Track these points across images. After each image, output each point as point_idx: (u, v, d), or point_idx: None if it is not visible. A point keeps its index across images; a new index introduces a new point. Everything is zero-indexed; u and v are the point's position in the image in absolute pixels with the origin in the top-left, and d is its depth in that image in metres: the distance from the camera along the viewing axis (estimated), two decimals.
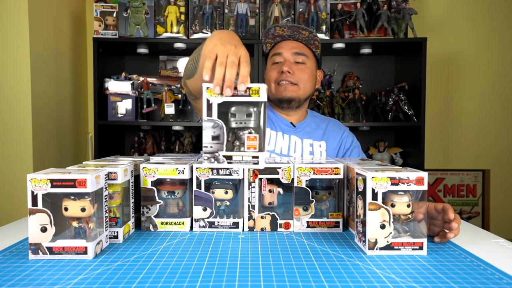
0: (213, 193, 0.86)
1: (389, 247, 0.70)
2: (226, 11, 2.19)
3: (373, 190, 0.69)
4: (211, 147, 0.78)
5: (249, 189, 0.84)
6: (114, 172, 0.76)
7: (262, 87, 0.76)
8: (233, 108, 0.77)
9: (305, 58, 1.26)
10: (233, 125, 0.78)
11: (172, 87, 2.32)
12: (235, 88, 0.76)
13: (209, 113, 0.77)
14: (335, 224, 0.86)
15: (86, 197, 0.67)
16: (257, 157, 0.78)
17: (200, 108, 1.12)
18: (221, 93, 0.76)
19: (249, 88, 0.75)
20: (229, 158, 0.79)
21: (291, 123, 1.30)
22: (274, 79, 1.26)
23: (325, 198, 0.88)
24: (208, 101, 0.77)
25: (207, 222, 0.85)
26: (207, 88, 0.77)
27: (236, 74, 0.76)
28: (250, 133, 0.77)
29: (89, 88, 2.52)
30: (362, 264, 0.66)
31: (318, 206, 0.88)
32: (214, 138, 0.78)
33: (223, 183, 0.86)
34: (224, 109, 0.77)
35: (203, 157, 0.79)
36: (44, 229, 0.67)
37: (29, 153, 1.85)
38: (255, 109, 0.78)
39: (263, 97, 0.76)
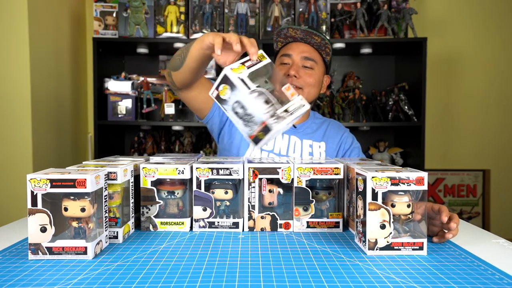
0: (213, 193, 0.85)
1: (389, 247, 0.70)
2: (226, 11, 2.19)
3: (373, 190, 0.69)
4: (268, 112, 0.77)
5: (249, 189, 0.84)
6: (114, 172, 0.76)
7: (262, 51, 0.83)
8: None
9: (313, 64, 1.25)
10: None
11: None
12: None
13: (249, 86, 0.77)
14: (335, 224, 0.86)
15: (85, 197, 0.67)
16: (302, 98, 0.81)
17: (184, 99, 1.18)
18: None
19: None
20: (286, 111, 0.78)
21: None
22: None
23: (325, 198, 0.88)
24: (240, 79, 0.77)
25: (207, 222, 0.85)
26: (231, 68, 0.78)
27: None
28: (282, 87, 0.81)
29: (89, 88, 2.52)
30: (362, 264, 0.66)
31: (318, 206, 0.88)
32: (266, 102, 0.78)
33: (223, 183, 0.86)
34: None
35: (269, 121, 0.77)
36: (43, 229, 0.67)
37: (29, 153, 1.85)
38: (266, 77, 0.83)
39: (268, 58, 0.84)
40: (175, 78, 1.08)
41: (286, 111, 0.78)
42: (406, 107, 2.20)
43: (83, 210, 0.67)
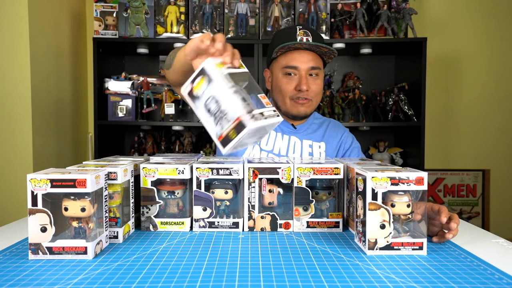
0: (213, 193, 0.86)
1: (389, 247, 0.70)
2: (226, 11, 2.19)
3: (373, 190, 0.69)
4: (245, 108, 0.70)
5: (249, 189, 0.84)
6: (114, 172, 0.76)
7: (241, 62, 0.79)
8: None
9: (319, 71, 1.22)
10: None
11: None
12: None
13: (227, 81, 0.72)
14: (335, 224, 0.86)
15: (86, 197, 0.67)
16: (275, 110, 0.75)
17: (182, 97, 1.15)
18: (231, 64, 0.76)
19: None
20: (261, 114, 0.71)
21: (292, 124, 1.30)
22: (290, 95, 1.21)
23: (325, 198, 0.88)
24: (219, 73, 0.73)
25: (207, 222, 0.85)
26: (216, 63, 0.74)
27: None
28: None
29: (89, 88, 2.52)
30: (362, 264, 0.66)
31: (318, 206, 0.88)
32: (244, 99, 0.71)
33: (223, 183, 0.86)
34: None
35: (245, 117, 0.69)
36: (44, 229, 0.67)
37: (29, 153, 1.85)
38: (243, 84, 0.76)
39: (246, 68, 0.79)
40: (167, 76, 1.06)
41: (261, 114, 0.71)
42: (406, 107, 2.20)
43: (83, 210, 0.68)
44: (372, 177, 0.69)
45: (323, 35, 2.17)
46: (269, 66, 1.30)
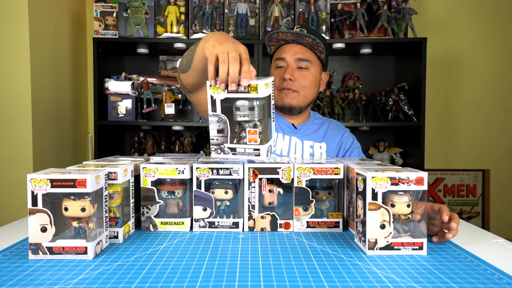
0: (213, 193, 0.86)
1: (389, 247, 0.70)
2: (226, 11, 2.19)
3: (373, 190, 0.69)
4: (217, 139, 0.84)
5: (249, 189, 0.84)
6: (114, 172, 0.76)
7: (260, 84, 0.79)
8: (237, 102, 0.82)
9: (308, 64, 1.24)
10: (238, 118, 0.83)
11: (172, 87, 2.32)
12: (239, 84, 0.80)
13: (214, 109, 0.82)
14: (335, 224, 0.86)
15: (86, 197, 0.67)
16: (258, 149, 0.83)
17: (195, 102, 1.17)
18: (226, 89, 0.80)
19: (248, 85, 0.80)
20: (233, 149, 0.84)
21: (293, 124, 1.30)
22: (277, 85, 1.25)
23: (325, 198, 0.88)
24: (212, 97, 0.82)
25: (207, 222, 0.85)
26: (210, 85, 0.81)
27: (239, 69, 0.79)
28: (253, 127, 0.83)
29: (89, 88, 2.52)
30: (362, 264, 0.66)
31: (318, 206, 0.88)
32: (219, 131, 0.84)
33: (223, 183, 0.86)
34: (229, 104, 0.82)
35: (211, 148, 0.85)
36: (44, 229, 0.67)
37: (29, 153, 1.85)
38: (257, 102, 0.82)
39: (261, 93, 0.80)
40: (184, 80, 1.06)
41: (233, 149, 0.84)
42: (406, 107, 2.20)
43: (83, 210, 0.68)
44: (372, 177, 0.69)
45: (323, 35, 2.16)
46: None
